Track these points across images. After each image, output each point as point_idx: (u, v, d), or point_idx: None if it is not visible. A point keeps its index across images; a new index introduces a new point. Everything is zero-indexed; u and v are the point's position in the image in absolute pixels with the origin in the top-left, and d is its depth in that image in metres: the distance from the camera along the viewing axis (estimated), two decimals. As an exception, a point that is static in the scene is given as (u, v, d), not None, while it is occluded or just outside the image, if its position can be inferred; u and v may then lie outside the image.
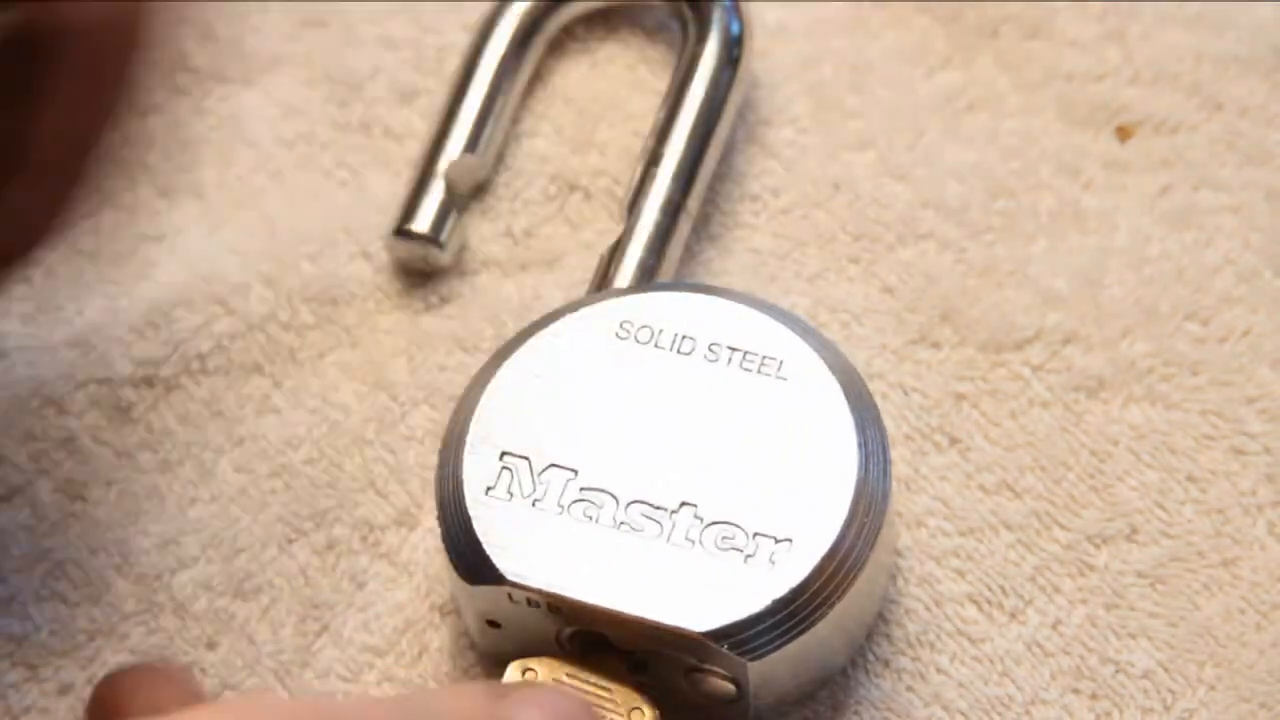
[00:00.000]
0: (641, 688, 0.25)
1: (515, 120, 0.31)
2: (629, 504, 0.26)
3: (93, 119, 0.23)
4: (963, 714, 0.26)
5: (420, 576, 0.28)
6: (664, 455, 0.26)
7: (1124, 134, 0.30)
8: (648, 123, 0.30)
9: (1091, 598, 0.27)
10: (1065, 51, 0.30)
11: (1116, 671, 0.26)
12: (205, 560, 0.28)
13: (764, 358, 0.26)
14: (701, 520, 0.26)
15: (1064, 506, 0.27)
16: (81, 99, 0.23)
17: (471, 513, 0.26)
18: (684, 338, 0.27)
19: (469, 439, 0.26)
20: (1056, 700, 0.26)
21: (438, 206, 0.30)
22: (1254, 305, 0.28)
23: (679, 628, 0.25)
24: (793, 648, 0.25)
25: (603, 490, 0.26)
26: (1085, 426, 0.28)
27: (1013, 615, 0.27)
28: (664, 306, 0.27)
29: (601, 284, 0.29)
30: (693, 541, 0.25)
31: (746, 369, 0.26)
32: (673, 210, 0.29)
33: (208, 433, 0.29)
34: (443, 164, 0.30)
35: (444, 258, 0.30)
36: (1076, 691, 0.26)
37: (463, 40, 0.31)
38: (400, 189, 0.30)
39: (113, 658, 0.27)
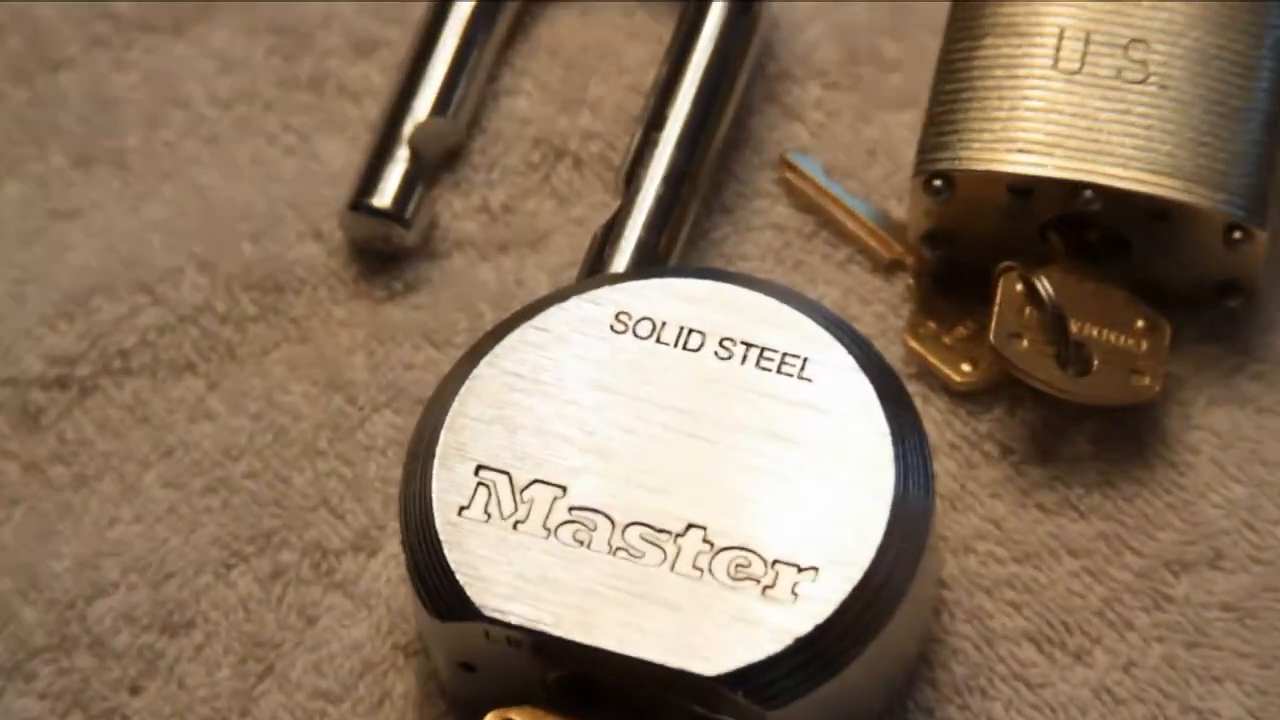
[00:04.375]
0: (641, 741, 0.26)
1: (492, 76, 0.31)
2: (626, 526, 0.26)
3: None
4: (1019, 770, 0.27)
5: (382, 610, 0.28)
6: (667, 469, 0.26)
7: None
8: (648, 78, 0.30)
9: (1169, 635, 0.27)
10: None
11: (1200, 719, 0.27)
12: (127, 587, 0.28)
13: (785, 355, 0.27)
14: (712, 545, 0.26)
15: (1136, 528, 0.28)
16: None
17: (442, 536, 0.26)
18: (691, 331, 0.27)
19: (440, 450, 0.26)
20: (1129, 754, 0.27)
21: (401, 177, 0.30)
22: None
23: (686, 671, 0.25)
24: (819, 694, 0.26)
25: (596, 510, 0.26)
26: (1161, 433, 0.28)
27: (1077, 656, 0.27)
28: (668, 295, 0.27)
29: (595, 268, 0.29)
30: (701, 570, 0.26)
31: (764, 368, 0.27)
32: (677, 181, 0.29)
33: (131, 442, 0.29)
34: (407, 128, 0.30)
35: (409, 237, 0.30)
36: (1153, 743, 0.27)
37: (430, -20, 0.32)
38: (357, 157, 0.31)
39: (16, 702, 0.27)
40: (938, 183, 0.28)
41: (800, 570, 0.26)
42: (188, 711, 0.27)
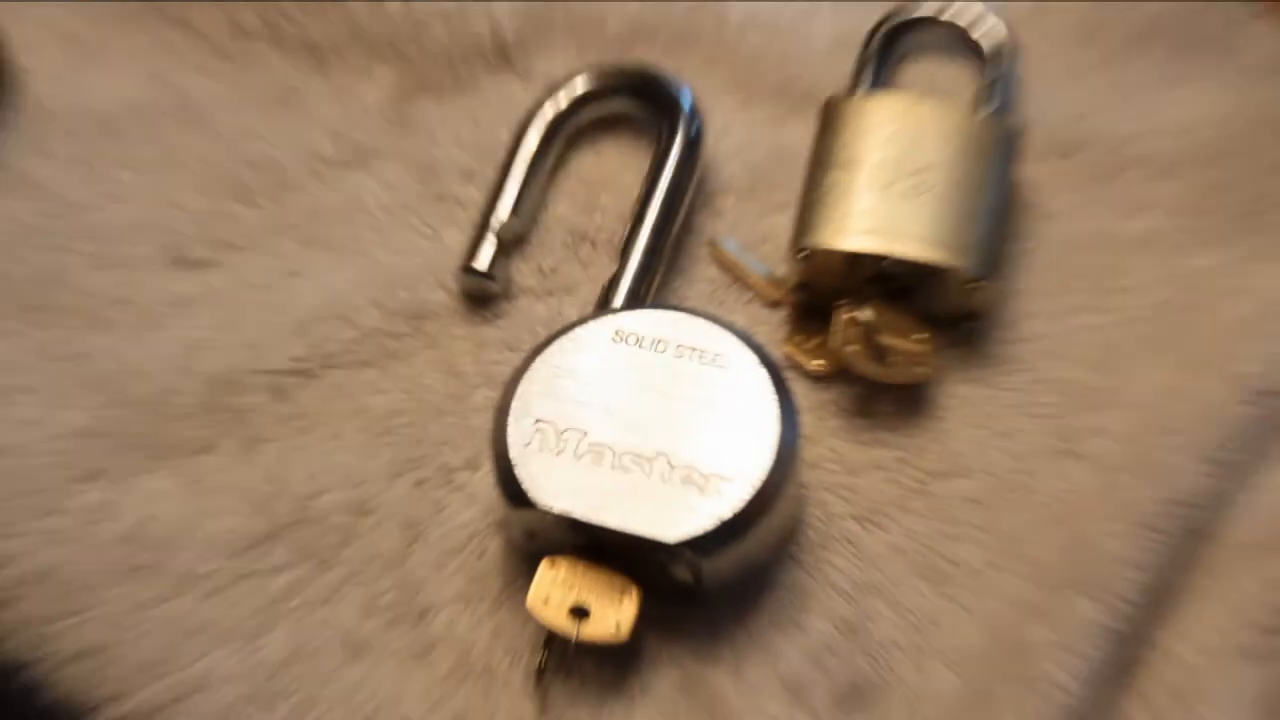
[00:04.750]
0: (631, 577, 0.34)
1: (544, 192, 0.39)
2: (623, 454, 0.34)
3: None
4: (847, 592, 0.36)
5: (482, 502, 0.36)
6: (646, 420, 0.34)
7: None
8: (635, 193, 0.39)
9: (933, 516, 0.36)
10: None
11: (952, 565, 0.36)
12: (337, 489, 0.36)
13: (715, 354, 0.35)
14: (672, 465, 0.34)
15: (916, 454, 0.37)
16: None
17: (514, 460, 0.34)
18: (659, 341, 0.35)
19: (512, 410, 0.34)
20: (909, 584, 0.36)
21: (492, 252, 0.38)
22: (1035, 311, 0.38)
23: (655, 539, 0.33)
24: (733, 551, 0.34)
25: (604, 444, 0.34)
26: (931, 399, 0.37)
27: (880, 527, 0.36)
28: (646, 320, 0.35)
29: (603, 305, 0.37)
30: (665, 479, 0.34)
31: (703, 362, 0.35)
32: (652, 254, 0.38)
33: (337, 407, 0.37)
34: (495, 223, 0.38)
35: (496, 288, 0.38)
36: (924, 578, 0.36)
37: (508, 137, 0.40)
38: (466, 241, 0.39)
39: (271, 558, 0.36)
40: (803, 254, 0.36)
41: (724, 480, 0.34)
42: (373, 559, 0.36)
